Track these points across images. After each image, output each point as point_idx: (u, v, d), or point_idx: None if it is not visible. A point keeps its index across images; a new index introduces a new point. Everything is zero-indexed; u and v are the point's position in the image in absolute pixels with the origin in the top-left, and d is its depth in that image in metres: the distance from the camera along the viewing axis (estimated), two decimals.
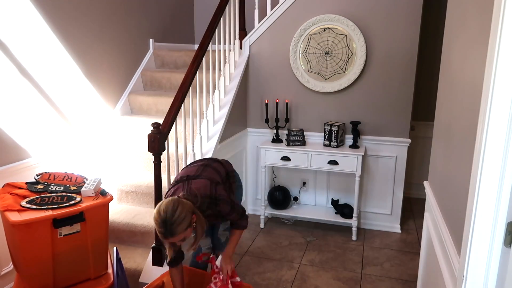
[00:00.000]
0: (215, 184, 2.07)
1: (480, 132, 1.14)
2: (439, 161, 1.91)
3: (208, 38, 3.05)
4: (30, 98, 2.62)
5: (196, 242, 1.96)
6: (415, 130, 4.05)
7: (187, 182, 2.06)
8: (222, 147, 3.26)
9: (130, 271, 2.58)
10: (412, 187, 4.28)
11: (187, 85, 2.78)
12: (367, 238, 3.46)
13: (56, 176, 2.28)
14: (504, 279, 1.13)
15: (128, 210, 3.02)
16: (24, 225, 1.82)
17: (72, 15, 2.94)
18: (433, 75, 3.90)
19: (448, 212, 1.62)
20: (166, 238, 1.81)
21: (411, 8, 3.18)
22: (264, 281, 2.80)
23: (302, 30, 3.45)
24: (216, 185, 2.07)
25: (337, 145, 3.35)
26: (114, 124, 3.48)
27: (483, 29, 1.26)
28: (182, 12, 4.66)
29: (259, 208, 3.77)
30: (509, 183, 1.11)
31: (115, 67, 3.48)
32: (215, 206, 2.03)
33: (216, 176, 2.16)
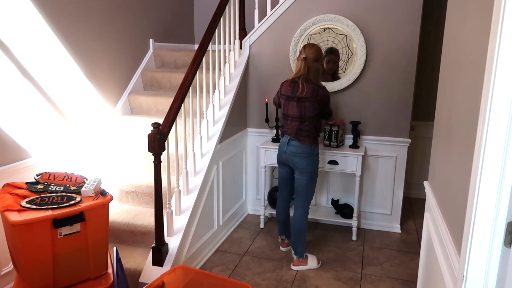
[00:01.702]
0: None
1: (480, 132, 1.14)
2: (439, 161, 1.91)
3: (208, 38, 3.05)
4: (30, 98, 2.62)
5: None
6: (415, 130, 4.05)
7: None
8: (222, 147, 3.26)
9: (130, 271, 2.58)
10: (412, 187, 4.28)
11: (187, 85, 2.78)
12: (367, 238, 3.46)
13: (56, 176, 2.28)
14: (504, 279, 1.13)
15: (128, 210, 3.02)
16: (24, 225, 1.82)
17: (72, 15, 2.94)
18: (433, 75, 3.89)
19: (448, 212, 1.62)
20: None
21: (411, 8, 3.18)
22: (264, 281, 2.80)
23: (302, 30, 3.45)
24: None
25: (337, 145, 3.35)
26: (114, 124, 3.48)
27: (483, 28, 1.26)
28: (182, 12, 4.66)
29: (259, 208, 3.77)
30: (509, 183, 1.11)
31: (115, 67, 3.48)
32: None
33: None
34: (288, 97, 2.89)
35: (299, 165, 2.89)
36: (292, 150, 2.88)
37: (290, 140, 2.89)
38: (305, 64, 2.80)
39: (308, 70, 2.81)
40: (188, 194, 2.89)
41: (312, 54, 2.81)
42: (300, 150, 2.86)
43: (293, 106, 2.86)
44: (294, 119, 2.87)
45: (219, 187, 3.28)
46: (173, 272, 2.16)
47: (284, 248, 3.21)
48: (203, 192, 3.01)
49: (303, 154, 2.86)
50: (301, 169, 2.89)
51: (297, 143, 2.86)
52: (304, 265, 2.95)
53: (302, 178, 2.91)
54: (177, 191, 2.74)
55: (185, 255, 2.75)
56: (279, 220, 3.16)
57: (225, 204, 3.41)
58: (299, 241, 2.93)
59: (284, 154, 2.93)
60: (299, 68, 2.85)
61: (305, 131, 2.85)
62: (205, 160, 3.05)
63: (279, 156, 3.01)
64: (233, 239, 3.43)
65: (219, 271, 2.93)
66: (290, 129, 2.89)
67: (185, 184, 2.86)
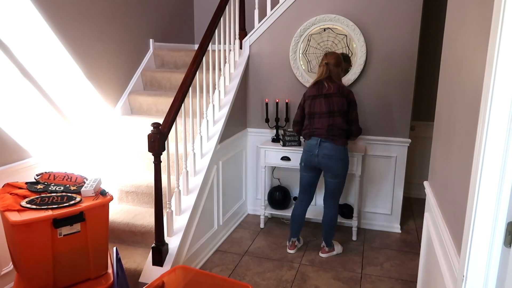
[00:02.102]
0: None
1: (480, 132, 1.14)
2: (439, 161, 1.91)
3: (208, 38, 3.05)
4: (31, 98, 2.62)
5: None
6: (415, 130, 4.05)
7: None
8: (222, 147, 3.26)
9: (130, 271, 2.58)
10: (412, 187, 4.28)
11: (187, 85, 2.78)
12: (367, 238, 3.46)
13: (56, 176, 2.28)
14: (504, 279, 1.13)
15: (128, 210, 3.02)
16: (24, 225, 1.82)
17: (72, 15, 2.94)
18: (433, 75, 3.90)
19: (448, 212, 1.62)
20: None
21: (411, 8, 3.18)
22: (264, 281, 2.80)
23: (302, 30, 3.45)
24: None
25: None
26: (114, 124, 3.48)
27: (483, 29, 1.26)
28: (182, 12, 4.66)
29: (259, 208, 3.77)
30: (509, 183, 1.11)
31: (115, 67, 3.48)
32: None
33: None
34: (314, 96, 2.90)
35: (335, 169, 2.88)
36: (326, 153, 2.83)
37: (322, 142, 2.84)
38: (327, 69, 2.89)
39: (330, 74, 2.88)
40: (188, 194, 2.89)
41: (333, 60, 2.90)
42: (336, 153, 2.83)
43: (320, 102, 2.86)
44: (323, 115, 2.85)
45: (219, 187, 3.28)
46: (173, 272, 2.17)
47: (292, 251, 3.19)
48: (203, 192, 3.01)
49: (339, 157, 2.84)
50: (336, 173, 2.89)
51: (331, 144, 2.82)
52: (332, 252, 3.16)
53: (336, 181, 2.93)
54: (177, 191, 2.74)
55: (185, 255, 2.76)
56: (296, 221, 3.15)
57: (225, 204, 3.41)
58: (331, 234, 3.12)
59: (316, 157, 2.86)
60: (321, 72, 2.91)
61: (337, 129, 2.83)
62: (205, 160, 3.05)
63: (307, 160, 2.93)
64: (233, 239, 3.43)
65: (219, 271, 2.93)
66: (320, 128, 2.85)
67: (185, 184, 2.86)
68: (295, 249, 3.20)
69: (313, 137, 2.88)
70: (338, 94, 2.84)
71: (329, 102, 2.84)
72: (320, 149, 2.84)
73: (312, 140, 2.89)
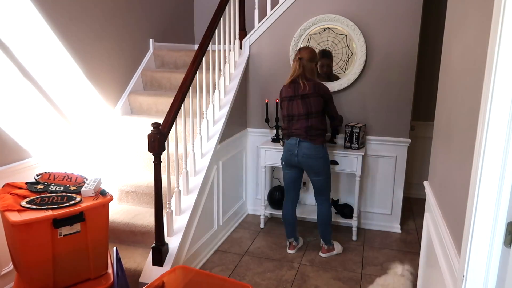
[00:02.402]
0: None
1: (480, 132, 1.14)
2: (439, 161, 1.91)
3: (208, 38, 3.05)
4: (31, 98, 2.62)
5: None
6: (415, 130, 4.05)
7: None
8: (222, 147, 3.26)
9: (130, 271, 2.58)
10: (412, 187, 4.28)
11: (187, 85, 2.78)
12: (367, 238, 3.46)
13: (56, 176, 2.28)
14: (504, 279, 1.13)
15: (128, 210, 3.02)
16: (24, 225, 1.82)
17: (72, 15, 2.94)
18: (433, 75, 3.90)
19: (448, 212, 1.62)
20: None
21: (411, 8, 3.18)
22: (264, 281, 2.80)
23: (302, 30, 3.45)
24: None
25: (358, 147, 3.32)
26: (114, 124, 3.48)
27: (483, 29, 1.26)
28: (182, 12, 4.66)
29: (259, 208, 3.77)
30: (509, 183, 1.11)
31: (115, 67, 3.48)
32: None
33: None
34: (290, 97, 2.92)
35: (315, 167, 2.91)
36: (305, 152, 2.87)
37: (301, 141, 2.88)
38: (301, 64, 2.88)
39: (303, 69, 2.88)
40: (188, 194, 2.89)
41: (307, 55, 2.89)
42: (314, 151, 2.87)
43: (297, 104, 2.88)
44: (301, 117, 2.88)
45: (219, 187, 3.28)
46: (173, 272, 2.17)
47: (292, 251, 3.19)
48: (203, 192, 3.01)
49: (318, 155, 2.88)
50: (317, 171, 2.92)
51: (309, 144, 2.86)
52: (332, 251, 3.14)
53: (319, 179, 2.96)
54: (177, 191, 2.74)
55: (185, 255, 2.76)
56: (288, 222, 3.16)
57: (225, 204, 3.41)
58: (327, 231, 3.09)
59: (296, 157, 2.91)
60: (294, 68, 2.91)
61: (314, 129, 2.86)
62: (205, 160, 3.05)
63: (287, 159, 2.98)
64: (233, 239, 3.43)
65: (219, 271, 2.93)
66: (298, 129, 2.88)
67: (185, 184, 2.86)
68: (295, 249, 3.20)
69: (292, 137, 2.94)
70: (315, 94, 2.85)
71: (306, 104, 2.86)
72: (299, 149, 2.89)
73: (291, 140, 2.94)
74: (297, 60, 2.90)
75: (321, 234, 3.12)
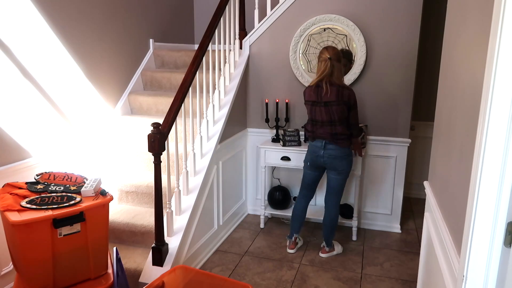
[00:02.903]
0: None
1: (480, 132, 1.14)
2: (439, 161, 1.91)
3: (208, 38, 3.05)
4: (31, 98, 2.62)
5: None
6: (415, 130, 4.05)
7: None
8: (222, 147, 3.26)
9: (130, 271, 2.58)
10: (412, 187, 4.28)
11: (187, 85, 2.78)
12: (367, 238, 3.46)
13: (56, 176, 2.28)
14: (504, 279, 1.13)
15: (128, 210, 3.02)
16: (24, 225, 1.82)
17: (72, 15, 2.94)
18: (433, 75, 3.90)
19: (448, 212, 1.62)
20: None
21: (411, 8, 3.18)
22: (264, 281, 2.80)
23: (302, 30, 3.45)
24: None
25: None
26: (114, 124, 3.48)
27: (483, 29, 1.26)
28: (182, 12, 4.66)
29: (259, 208, 3.77)
30: (509, 183, 1.11)
31: (115, 67, 3.48)
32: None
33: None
34: (313, 102, 2.87)
35: (340, 167, 2.91)
36: (331, 153, 2.87)
37: (327, 144, 2.87)
38: (331, 64, 2.77)
39: (332, 70, 2.79)
40: (188, 194, 2.89)
41: (335, 55, 2.80)
42: (341, 153, 2.87)
43: (320, 111, 2.84)
44: (325, 124, 2.85)
45: (219, 187, 3.28)
46: (173, 272, 2.16)
47: (292, 250, 3.19)
48: (203, 192, 3.01)
49: (343, 156, 2.89)
50: (340, 170, 2.92)
51: (336, 146, 2.86)
52: (332, 252, 3.16)
53: (339, 178, 2.96)
54: (177, 191, 2.74)
55: (185, 255, 2.76)
56: (297, 218, 3.15)
57: (225, 204, 3.41)
58: (332, 234, 3.12)
59: (322, 158, 2.90)
60: (323, 68, 2.80)
61: (340, 134, 2.85)
62: (205, 160, 3.05)
63: (312, 160, 2.97)
64: (233, 239, 3.43)
65: (219, 271, 2.93)
66: (323, 134, 2.87)
67: (185, 184, 2.86)
68: (295, 249, 3.20)
69: (318, 140, 2.91)
70: (337, 101, 2.77)
71: (329, 112, 2.81)
72: (325, 151, 2.88)
73: (317, 142, 2.91)
74: (325, 60, 2.77)
75: (325, 236, 3.13)
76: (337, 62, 2.81)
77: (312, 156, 2.96)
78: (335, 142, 2.85)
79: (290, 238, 3.21)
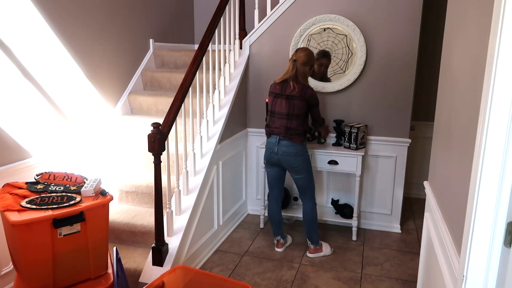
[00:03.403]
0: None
1: (480, 132, 1.14)
2: (439, 161, 1.91)
3: (208, 38, 3.05)
4: (31, 98, 2.62)
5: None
6: (415, 130, 4.05)
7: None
8: (222, 147, 3.26)
9: (130, 271, 2.58)
10: (412, 187, 4.28)
11: (187, 85, 2.78)
12: (367, 238, 3.46)
13: (56, 176, 2.28)
14: (504, 279, 1.13)
15: (128, 210, 3.03)
16: (24, 225, 1.82)
17: (72, 15, 2.94)
18: (433, 75, 3.90)
19: (448, 212, 1.62)
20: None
21: (411, 8, 3.18)
22: (264, 281, 2.80)
23: (302, 30, 3.45)
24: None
25: (357, 147, 3.31)
26: (114, 124, 3.48)
27: (483, 29, 1.26)
28: (182, 12, 4.66)
29: (259, 208, 3.77)
30: (509, 183, 1.11)
31: (115, 67, 3.48)
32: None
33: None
34: (276, 94, 2.95)
35: (294, 165, 2.94)
36: (284, 150, 2.92)
37: (280, 140, 2.93)
38: (294, 65, 2.90)
39: (296, 71, 2.90)
40: (188, 194, 2.89)
41: (302, 58, 2.90)
42: (293, 149, 2.91)
43: (281, 103, 2.92)
44: (282, 116, 2.91)
45: (219, 187, 3.28)
46: (173, 272, 2.16)
47: (280, 249, 3.21)
48: (203, 192, 3.01)
49: (297, 153, 2.92)
50: (297, 168, 2.96)
51: (289, 142, 2.90)
52: (320, 252, 3.14)
53: (301, 177, 2.99)
54: (177, 191, 2.74)
55: (185, 255, 2.76)
56: (274, 221, 3.19)
57: (225, 204, 3.41)
58: (313, 230, 3.10)
59: (276, 155, 2.96)
60: (288, 69, 2.94)
61: (294, 130, 2.90)
62: (205, 160, 3.05)
63: (268, 157, 3.04)
64: (233, 239, 3.43)
65: (219, 271, 2.93)
66: (278, 128, 2.93)
67: (185, 184, 2.86)
68: (283, 248, 3.22)
69: (273, 136, 2.98)
70: (300, 97, 2.87)
71: (289, 104, 2.89)
72: (279, 147, 2.93)
73: (272, 139, 2.98)
74: (291, 61, 2.92)
75: (307, 234, 3.13)
76: (303, 65, 2.91)
77: (268, 153, 3.03)
78: (289, 137, 2.90)
79: (275, 240, 3.26)
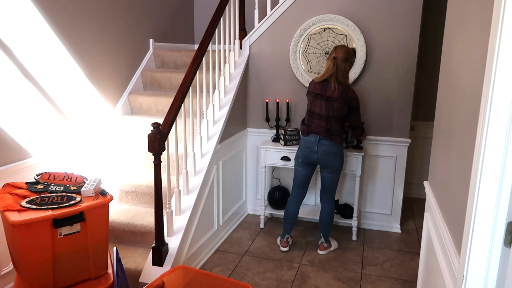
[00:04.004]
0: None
1: (480, 132, 1.14)
2: (439, 161, 1.91)
3: (208, 38, 3.05)
4: (31, 98, 2.62)
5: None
6: (415, 130, 4.05)
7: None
8: (222, 147, 3.26)
9: (130, 271, 2.58)
10: (412, 187, 4.28)
11: (187, 85, 2.78)
12: (367, 238, 3.46)
13: (56, 176, 2.28)
14: (504, 279, 1.13)
15: (128, 210, 3.03)
16: (24, 225, 1.82)
17: (73, 15, 2.94)
18: (433, 75, 3.90)
19: (448, 212, 1.62)
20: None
21: (411, 8, 3.18)
22: (264, 281, 2.80)
23: (302, 30, 3.45)
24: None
25: (347, 146, 3.33)
26: (114, 124, 3.48)
27: (483, 29, 1.26)
28: (182, 12, 4.66)
29: (259, 208, 3.77)
30: (509, 183, 1.11)
31: (115, 67, 3.48)
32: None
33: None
34: (317, 94, 2.91)
35: (333, 164, 2.94)
36: (325, 149, 2.89)
37: (321, 139, 2.90)
38: (334, 63, 2.83)
39: (337, 69, 2.83)
40: (188, 194, 2.89)
41: (342, 55, 2.84)
42: (334, 149, 2.90)
43: (321, 104, 2.88)
44: (322, 118, 2.88)
45: (219, 187, 3.28)
46: (173, 272, 2.16)
47: (285, 248, 3.21)
48: (203, 192, 3.01)
49: (337, 153, 2.92)
50: (334, 168, 2.96)
51: (330, 142, 2.88)
52: (330, 248, 3.21)
53: (332, 176, 3.00)
54: (177, 191, 2.74)
55: (185, 255, 2.76)
56: (290, 218, 3.17)
57: (225, 204, 3.41)
58: (329, 230, 3.17)
59: (315, 154, 2.92)
60: (328, 67, 2.87)
61: (334, 131, 2.88)
62: (205, 160, 3.05)
63: (305, 156, 2.98)
64: (233, 239, 3.43)
65: (219, 271, 2.93)
66: (317, 128, 2.90)
67: (185, 184, 2.86)
68: (288, 246, 3.22)
69: (312, 134, 2.93)
70: (340, 99, 2.83)
71: (329, 107, 2.85)
72: (319, 146, 2.90)
73: (311, 137, 2.93)
74: (331, 59, 2.84)
75: (323, 233, 3.15)
76: (343, 62, 2.84)
77: (304, 151, 2.98)
78: (329, 137, 2.87)
79: (283, 238, 3.24)
